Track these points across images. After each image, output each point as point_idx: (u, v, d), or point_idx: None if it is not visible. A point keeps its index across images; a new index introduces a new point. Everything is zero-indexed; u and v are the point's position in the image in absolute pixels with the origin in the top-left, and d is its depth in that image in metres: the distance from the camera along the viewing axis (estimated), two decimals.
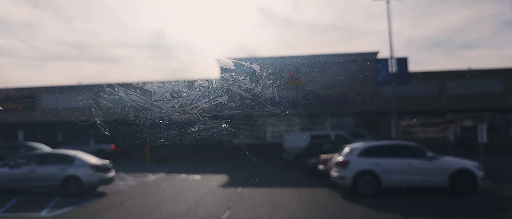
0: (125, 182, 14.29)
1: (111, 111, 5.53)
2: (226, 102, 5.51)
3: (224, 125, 5.65)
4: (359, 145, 11.73)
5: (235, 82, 5.47)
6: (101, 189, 12.49)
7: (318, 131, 22.63)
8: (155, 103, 5.46)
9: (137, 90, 5.44)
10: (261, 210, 9.36)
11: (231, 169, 17.64)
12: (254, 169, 16.45)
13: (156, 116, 5.51)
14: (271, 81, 5.46)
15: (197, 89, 5.46)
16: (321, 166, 13.68)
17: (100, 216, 9.16)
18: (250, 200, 10.61)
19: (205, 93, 5.47)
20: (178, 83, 5.45)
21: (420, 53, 63.08)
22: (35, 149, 17.91)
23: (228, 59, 5.44)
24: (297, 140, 20.24)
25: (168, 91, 5.44)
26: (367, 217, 8.93)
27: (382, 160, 10.94)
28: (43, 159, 12.19)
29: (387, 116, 26.69)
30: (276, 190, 12.31)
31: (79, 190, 11.45)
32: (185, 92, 5.46)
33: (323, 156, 13.82)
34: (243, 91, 5.50)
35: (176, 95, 5.45)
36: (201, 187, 13.49)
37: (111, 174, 12.29)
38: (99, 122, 5.62)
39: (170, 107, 5.46)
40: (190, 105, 5.45)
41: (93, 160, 12.15)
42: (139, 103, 5.46)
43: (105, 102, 5.49)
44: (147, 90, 5.44)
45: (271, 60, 5.94)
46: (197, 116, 5.49)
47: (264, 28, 71.69)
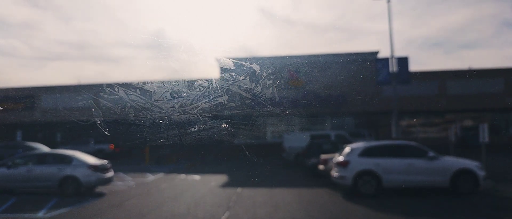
0: (124, 182, 14.20)
1: (111, 111, 5.52)
2: (226, 102, 5.51)
3: (224, 125, 5.65)
4: (359, 145, 11.64)
5: (235, 82, 5.46)
6: (99, 189, 12.40)
7: (318, 131, 22.59)
8: (155, 103, 5.45)
9: (137, 90, 5.43)
10: (261, 210, 9.29)
11: (231, 169, 17.55)
12: (254, 169, 16.38)
13: (156, 116, 5.50)
14: (271, 81, 5.46)
15: (197, 89, 5.46)
16: (321, 166, 13.60)
17: (98, 217, 9.07)
18: (250, 200, 10.52)
19: (205, 93, 5.47)
20: (178, 83, 5.44)
21: (420, 53, 63.07)
22: (33, 149, 17.80)
23: (228, 59, 5.44)
24: (297, 140, 20.17)
25: (168, 91, 5.43)
26: (367, 217, 8.86)
27: (383, 160, 10.85)
28: (41, 159, 12.10)
29: (387, 116, 26.60)
30: (276, 190, 12.23)
31: (77, 191, 11.36)
32: (185, 92, 5.46)
33: (323, 156, 13.73)
34: (243, 91, 5.49)
35: (176, 95, 5.44)
36: (200, 187, 13.40)
37: (110, 174, 12.20)
38: (99, 122, 5.62)
39: (170, 107, 5.45)
40: (190, 105, 5.45)
41: (91, 160, 12.05)
42: (139, 103, 5.45)
43: (105, 102, 5.48)
44: (147, 90, 5.43)
45: (271, 60, 5.91)
46: (197, 116, 5.49)
47: (264, 28, 71.69)
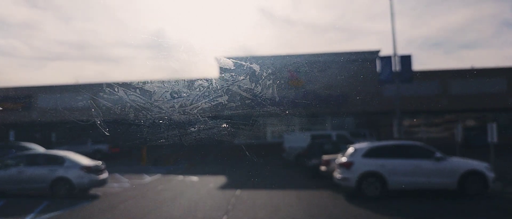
0: (120, 184, 13.75)
1: (111, 111, 5.44)
2: (226, 102, 5.45)
3: (224, 125, 5.58)
4: (363, 145, 11.20)
5: (235, 82, 5.40)
6: (93, 191, 11.96)
7: (318, 131, 22.23)
8: (155, 103, 5.40)
9: (137, 90, 5.38)
10: (260, 213, 8.89)
11: (230, 169, 17.14)
12: (254, 169, 15.97)
13: (155, 116, 5.44)
14: (271, 81, 5.39)
15: (197, 89, 5.41)
16: (323, 167, 13.17)
17: None
18: (249, 202, 10.10)
19: (205, 93, 5.41)
20: (178, 83, 5.40)
21: (420, 53, 62.81)
22: (28, 149, 17.35)
23: (227, 59, 5.38)
24: (297, 140, 19.82)
25: (168, 91, 5.39)
26: None
27: (388, 161, 10.41)
28: (32, 160, 11.62)
29: (388, 116, 26.22)
30: (276, 192, 11.81)
31: (70, 193, 10.91)
32: (185, 92, 5.41)
33: (325, 157, 13.31)
34: (243, 91, 5.43)
35: (176, 95, 5.40)
36: (198, 189, 12.98)
37: (104, 175, 11.75)
38: (98, 122, 5.50)
39: (170, 107, 5.40)
40: (190, 105, 5.39)
41: (84, 161, 11.61)
42: (138, 103, 5.39)
43: (105, 102, 5.40)
44: (147, 90, 5.38)
45: (271, 59, 5.80)
46: (197, 116, 5.43)
47: (264, 28, 71.41)
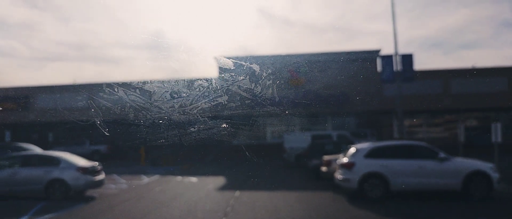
0: (117, 185, 13.51)
1: (111, 111, 5.39)
2: (225, 102, 5.42)
3: (223, 125, 5.54)
4: (365, 145, 10.95)
5: (235, 82, 5.36)
6: (90, 192, 11.72)
7: (319, 131, 21.98)
8: (155, 103, 5.37)
9: (137, 90, 5.34)
10: (260, 215, 8.66)
11: (229, 170, 16.90)
12: (253, 170, 15.74)
13: (155, 116, 5.40)
14: (271, 81, 5.34)
15: (197, 89, 5.37)
16: (324, 168, 12.93)
17: None
18: (248, 204, 9.86)
19: (205, 93, 5.38)
20: (177, 83, 5.37)
21: (419, 54, 62.61)
22: (24, 150, 17.11)
23: (227, 59, 5.34)
24: (297, 140, 19.57)
25: (167, 91, 5.36)
26: None
27: (390, 162, 10.17)
28: (27, 161, 11.35)
29: (388, 115, 25.97)
30: (276, 193, 11.57)
31: (65, 194, 10.65)
32: (184, 92, 5.38)
33: (326, 157, 13.07)
34: (243, 91, 5.39)
35: (175, 95, 5.37)
36: (197, 190, 12.75)
37: (100, 176, 11.50)
38: (98, 122, 5.43)
39: (169, 107, 5.36)
40: (189, 105, 5.36)
41: (80, 162, 11.36)
42: (138, 103, 5.35)
43: (104, 102, 5.34)
44: (147, 90, 5.36)
45: (271, 59, 5.71)
46: (197, 116, 5.40)
47: (263, 29, 71.15)
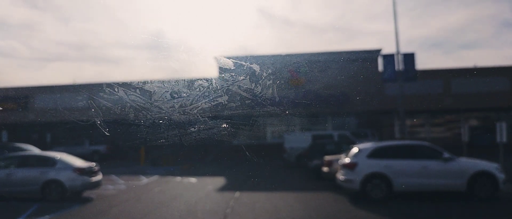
0: (115, 186, 13.30)
1: (111, 111, 5.37)
2: (226, 102, 5.40)
3: (223, 125, 5.50)
4: (368, 145, 10.73)
5: (235, 82, 5.34)
6: (87, 193, 11.51)
7: (319, 131, 21.77)
8: (155, 103, 5.36)
9: (137, 90, 5.33)
10: (260, 217, 8.47)
11: (229, 170, 16.70)
12: (253, 170, 15.53)
13: (155, 116, 5.39)
14: (271, 81, 5.32)
15: (197, 89, 5.36)
16: (325, 168, 12.72)
17: None
18: (248, 206, 9.65)
19: (205, 93, 5.36)
20: (178, 83, 5.35)
21: (419, 53, 62.48)
22: (22, 150, 16.90)
23: (227, 59, 5.31)
24: (298, 140, 19.38)
25: (168, 91, 5.35)
26: None
27: (393, 162, 9.96)
28: (22, 161, 11.13)
29: (389, 115, 25.74)
30: (276, 194, 11.36)
31: (62, 195, 10.45)
32: (185, 92, 5.37)
33: (328, 158, 12.86)
34: (243, 91, 5.36)
35: (176, 95, 5.36)
36: (196, 191, 12.54)
37: (98, 177, 11.29)
38: (98, 122, 5.38)
39: (170, 107, 5.35)
40: (190, 105, 5.34)
41: (77, 162, 11.15)
42: (138, 103, 5.34)
43: (104, 102, 5.32)
44: (147, 90, 5.35)
45: (271, 59, 5.64)
46: (197, 116, 5.38)
47: (263, 29, 70.94)
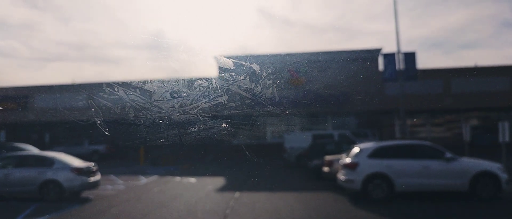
0: (114, 186, 13.20)
1: (111, 111, 5.36)
2: (225, 102, 5.39)
3: (223, 125, 5.50)
4: (369, 145, 10.63)
5: (235, 81, 5.33)
6: (86, 194, 11.40)
7: (320, 130, 21.65)
8: (155, 103, 5.35)
9: (137, 89, 5.33)
10: (260, 218, 8.36)
11: (229, 170, 16.59)
12: (253, 170, 15.43)
13: (155, 116, 5.38)
14: (271, 81, 5.31)
15: (197, 89, 5.36)
16: (326, 168, 12.62)
17: None
18: (248, 206, 9.55)
19: (205, 93, 5.36)
20: (178, 83, 5.35)
21: (419, 53, 62.27)
22: (21, 150, 16.80)
23: (227, 59, 5.30)
24: (298, 140, 19.28)
25: (167, 91, 5.34)
26: None
27: (395, 162, 9.85)
28: (20, 161, 11.01)
29: (390, 115, 25.62)
30: (277, 194, 11.26)
31: (60, 196, 10.34)
32: (185, 92, 5.37)
33: (328, 157, 12.76)
34: (243, 91, 5.36)
35: (176, 95, 5.35)
36: (195, 191, 12.44)
37: (96, 177, 11.18)
38: (98, 122, 5.36)
39: (170, 107, 5.35)
40: (190, 105, 5.34)
41: (75, 162, 11.03)
42: (138, 103, 5.33)
43: (104, 101, 5.32)
44: (147, 90, 5.34)
45: (271, 58, 5.61)
46: (197, 116, 5.37)
47: (262, 29, 70.83)
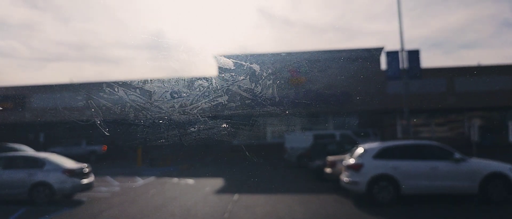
0: (109, 188, 12.77)
1: (111, 111, 5.30)
2: (225, 102, 5.35)
3: (223, 125, 5.43)
4: (374, 145, 10.18)
5: (235, 81, 5.28)
6: (78, 196, 10.97)
7: (321, 130, 21.22)
8: (155, 103, 5.31)
9: (137, 89, 5.28)
10: None
11: (229, 171, 16.16)
12: (253, 171, 15.00)
13: (155, 116, 5.34)
14: (271, 81, 5.26)
15: (197, 89, 5.33)
16: (328, 169, 12.18)
17: None
18: (248, 209, 9.11)
19: (205, 93, 5.32)
20: (178, 83, 5.32)
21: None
22: (15, 151, 16.36)
23: (226, 59, 5.24)
24: (299, 140, 18.87)
25: (167, 91, 5.31)
26: None
27: (401, 163, 9.40)
28: (9, 162, 10.57)
29: (392, 114, 25.19)
30: (277, 196, 10.82)
31: (50, 198, 9.91)
32: (184, 92, 5.34)
33: (331, 158, 12.32)
34: (243, 91, 5.30)
35: (175, 95, 5.32)
36: (193, 193, 12.00)
37: (89, 179, 10.74)
38: (98, 122, 5.32)
39: (169, 107, 5.32)
40: (189, 105, 5.30)
41: (67, 164, 10.60)
42: (138, 103, 5.29)
43: (104, 101, 5.25)
44: (147, 90, 5.30)
45: (271, 58, 5.48)
46: (197, 116, 5.33)
47: (263, 29, 70.45)
